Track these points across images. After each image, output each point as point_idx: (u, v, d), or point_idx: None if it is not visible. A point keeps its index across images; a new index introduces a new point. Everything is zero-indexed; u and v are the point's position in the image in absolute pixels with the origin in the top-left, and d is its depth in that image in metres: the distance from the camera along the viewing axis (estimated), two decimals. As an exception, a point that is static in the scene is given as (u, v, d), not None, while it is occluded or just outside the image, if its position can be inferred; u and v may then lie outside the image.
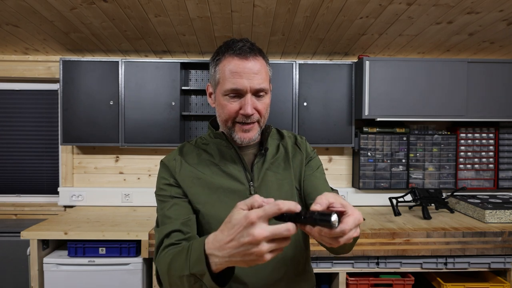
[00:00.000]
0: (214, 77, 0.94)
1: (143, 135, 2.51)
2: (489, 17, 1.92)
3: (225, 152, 0.98)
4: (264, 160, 0.99)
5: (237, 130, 0.93)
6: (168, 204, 0.93)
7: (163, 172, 0.98)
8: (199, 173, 0.96)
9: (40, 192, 2.89)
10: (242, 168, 0.97)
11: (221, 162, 0.97)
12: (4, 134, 2.86)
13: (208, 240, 0.68)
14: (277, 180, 0.98)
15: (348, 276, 2.13)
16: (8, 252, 2.35)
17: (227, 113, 0.92)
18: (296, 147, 1.07)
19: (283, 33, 2.21)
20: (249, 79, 0.89)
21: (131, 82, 2.49)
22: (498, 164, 2.76)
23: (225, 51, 0.92)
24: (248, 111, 0.89)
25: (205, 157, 0.99)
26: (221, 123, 0.96)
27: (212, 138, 1.01)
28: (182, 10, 1.85)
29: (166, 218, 0.91)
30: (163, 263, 0.82)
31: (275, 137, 1.08)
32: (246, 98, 0.90)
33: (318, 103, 2.57)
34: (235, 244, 0.60)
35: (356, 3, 1.77)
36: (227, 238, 0.62)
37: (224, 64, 0.91)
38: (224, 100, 0.92)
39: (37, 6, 1.79)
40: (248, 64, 0.89)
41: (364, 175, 2.71)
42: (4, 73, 2.74)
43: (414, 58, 2.56)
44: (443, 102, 2.48)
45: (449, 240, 2.09)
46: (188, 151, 1.01)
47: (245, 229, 0.59)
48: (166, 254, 0.84)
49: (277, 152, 1.03)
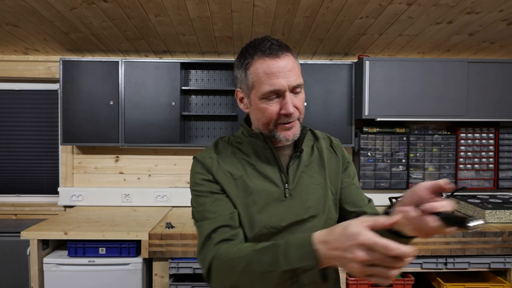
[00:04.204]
0: (246, 81, 0.91)
1: (143, 135, 2.51)
2: (489, 17, 1.92)
3: (260, 152, 0.96)
4: (300, 162, 0.97)
5: (280, 130, 0.91)
6: (209, 199, 0.91)
7: (199, 168, 0.95)
8: (236, 172, 0.93)
9: (40, 192, 2.89)
10: (277, 169, 0.94)
11: (257, 162, 0.95)
12: (4, 134, 2.86)
13: (317, 237, 0.70)
14: (312, 184, 0.96)
15: (348, 276, 2.13)
16: (8, 252, 2.35)
17: (269, 116, 0.89)
18: (332, 150, 1.05)
19: (283, 33, 2.21)
20: (286, 78, 0.87)
21: (131, 82, 2.49)
22: (498, 164, 2.75)
23: (253, 53, 0.89)
24: (291, 110, 0.88)
25: (240, 156, 0.96)
26: (262, 126, 0.93)
27: (246, 136, 0.98)
28: (182, 10, 1.85)
29: (209, 212, 0.89)
30: (223, 259, 0.81)
31: (309, 138, 1.05)
32: (286, 98, 0.88)
33: (318, 103, 2.57)
34: (339, 254, 0.65)
35: (356, 3, 1.77)
36: (335, 243, 0.66)
37: (256, 66, 0.88)
38: (262, 103, 0.89)
39: (37, 6, 1.79)
40: (281, 62, 0.87)
41: (364, 175, 2.71)
42: (4, 73, 2.74)
43: (414, 58, 2.56)
44: (443, 102, 2.48)
45: (449, 240, 2.09)
46: (223, 149, 0.98)
47: (353, 246, 0.62)
48: (227, 250, 0.81)
49: (312, 154, 1.01)
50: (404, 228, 0.74)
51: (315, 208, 0.94)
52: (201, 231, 0.88)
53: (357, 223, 0.65)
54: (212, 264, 0.83)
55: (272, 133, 0.92)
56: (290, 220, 0.91)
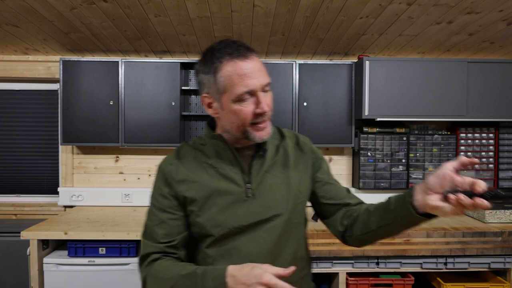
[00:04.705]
0: (216, 85, 0.89)
1: (143, 135, 2.51)
2: (489, 17, 1.92)
3: (222, 153, 0.96)
4: (263, 162, 0.98)
5: (254, 130, 0.91)
6: (157, 219, 0.95)
7: (159, 179, 0.99)
8: (195, 176, 0.95)
9: (40, 192, 2.89)
10: (239, 170, 0.95)
11: (218, 164, 0.96)
12: (4, 134, 2.86)
13: (229, 271, 0.81)
14: (275, 183, 0.97)
15: (348, 276, 2.13)
16: (8, 252, 2.35)
17: (244, 117, 0.89)
18: (298, 149, 1.05)
19: (283, 33, 2.21)
20: (257, 78, 0.88)
21: (131, 82, 2.49)
22: (498, 164, 2.75)
23: (221, 56, 0.88)
24: (266, 108, 0.88)
25: (202, 159, 0.97)
26: (236, 129, 0.92)
27: (209, 138, 0.99)
28: (182, 10, 1.85)
29: (153, 233, 0.95)
30: (154, 277, 0.90)
31: (276, 137, 1.04)
32: (260, 97, 0.88)
33: (318, 103, 2.57)
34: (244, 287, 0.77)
35: (356, 3, 1.77)
36: (242, 278, 0.78)
37: (227, 69, 0.87)
38: (236, 106, 0.88)
39: (37, 6, 1.80)
40: (250, 63, 0.88)
41: (364, 175, 2.71)
42: (4, 73, 2.74)
43: (414, 58, 2.56)
44: (443, 102, 2.48)
45: (449, 240, 2.09)
46: (185, 153, 1.00)
47: (257, 284, 0.75)
48: (158, 269, 0.90)
49: (277, 154, 1.00)
50: (436, 211, 0.77)
51: (278, 208, 0.95)
52: (142, 246, 0.96)
53: (264, 267, 0.78)
54: (146, 282, 0.93)
55: (246, 135, 0.92)
56: (253, 220, 0.93)
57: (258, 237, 0.93)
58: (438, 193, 0.76)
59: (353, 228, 0.98)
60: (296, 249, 0.99)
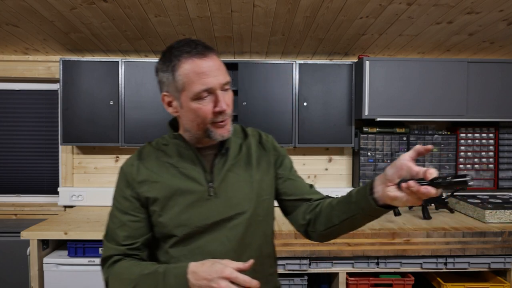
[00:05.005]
0: (175, 84, 0.90)
1: (143, 135, 2.51)
2: (489, 17, 1.92)
3: (183, 153, 0.96)
4: (226, 160, 0.98)
5: (214, 129, 0.91)
6: (118, 221, 0.95)
7: (120, 181, 0.98)
8: (157, 176, 0.95)
9: (40, 192, 2.89)
10: (201, 169, 0.95)
11: (180, 164, 0.96)
12: (4, 134, 2.86)
13: (190, 268, 0.82)
14: (238, 182, 0.97)
15: (348, 276, 2.13)
16: (8, 252, 2.35)
17: (203, 116, 0.89)
18: (261, 147, 1.05)
19: (283, 33, 2.21)
20: (215, 76, 0.88)
21: (131, 82, 2.49)
22: (498, 164, 2.76)
23: (179, 55, 0.89)
24: (224, 107, 0.88)
25: (163, 159, 0.97)
26: (196, 127, 0.92)
27: (171, 138, 0.99)
28: (182, 10, 1.85)
29: (114, 235, 0.95)
30: (116, 278, 0.91)
31: (239, 136, 1.05)
32: (218, 95, 0.88)
33: (318, 103, 2.57)
34: (206, 283, 0.78)
35: (356, 3, 1.77)
36: (203, 274, 0.79)
37: (185, 68, 0.87)
38: (195, 104, 0.88)
39: (37, 6, 1.80)
40: (209, 62, 0.88)
41: (364, 175, 2.71)
42: (4, 73, 2.74)
43: (414, 58, 2.56)
44: (443, 102, 2.48)
45: (449, 240, 2.09)
46: (147, 154, 0.99)
47: (218, 278, 0.77)
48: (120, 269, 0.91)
49: (240, 152, 1.01)
50: (395, 202, 0.78)
51: (241, 206, 0.95)
52: (103, 248, 0.96)
53: (224, 262, 0.80)
54: (108, 283, 0.93)
55: (207, 133, 0.92)
56: (215, 219, 0.93)
57: (222, 236, 0.93)
58: (396, 184, 0.77)
59: (316, 223, 0.98)
60: (261, 246, 0.99)
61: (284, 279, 2.12)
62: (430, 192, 0.70)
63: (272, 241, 1.06)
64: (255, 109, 2.54)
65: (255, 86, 2.54)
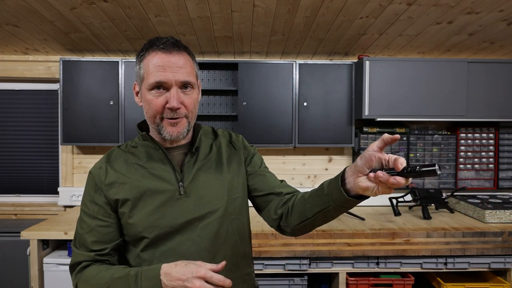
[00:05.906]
0: (139, 73, 0.94)
1: (143, 135, 2.51)
2: (489, 17, 1.92)
3: (153, 154, 0.97)
4: (196, 160, 0.98)
5: (165, 125, 0.92)
6: (87, 226, 0.94)
7: (88, 185, 0.97)
8: (125, 178, 0.94)
9: (40, 192, 2.89)
10: (171, 168, 0.95)
11: (149, 165, 0.95)
12: (4, 134, 2.86)
13: (162, 269, 0.82)
14: (208, 180, 0.97)
15: (348, 276, 2.13)
16: (8, 252, 2.35)
17: (154, 108, 0.91)
18: (231, 146, 1.06)
19: (283, 33, 2.21)
20: (173, 72, 0.89)
21: (131, 82, 2.49)
22: (498, 164, 2.76)
23: (149, 47, 0.92)
24: (174, 104, 0.89)
25: (132, 161, 0.97)
26: (149, 120, 0.95)
27: (140, 140, 0.99)
28: (182, 10, 1.85)
29: (84, 241, 0.93)
30: (86, 284, 0.90)
31: (210, 137, 1.06)
32: (172, 92, 0.89)
33: (318, 103, 2.57)
34: (180, 283, 0.79)
35: (356, 3, 1.77)
36: (177, 274, 0.79)
37: (148, 59, 0.91)
38: (149, 95, 0.91)
39: (37, 6, 1.80)
40: (172, 58, 0.90)
41: (364, 175, 2.70)
42: (4, 73, 2.74)
43: (414, 58, 2.56)
44: (443, 102, 2.48)
45: (449, 240, 2.09)
46: (115, 157, 0.99)
47: (193, 278, 0.78)
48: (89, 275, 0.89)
49: (210, 152, 1.02)
50: (367, 192, 0.76)
51: (212, 204, 0.95)
52: (72, 254, 0.95)
53: (198, 263, 0.81)
54: (77, 285, 0.92)
55: (158, 128, 0.93)
56: (187, 218, 0.92)
57: (194, 235, 0.92)
58: (366, 174, 0.76)
59: (289, 218, 0.97)
60: (235, 246, 0.98)
61: (284, 279, 2.12)
62: (400, 182, 0.69)
63: (248, 240, 1.05)
64: (255, 109, 2.55)
65: (255, 86, 2.54)
